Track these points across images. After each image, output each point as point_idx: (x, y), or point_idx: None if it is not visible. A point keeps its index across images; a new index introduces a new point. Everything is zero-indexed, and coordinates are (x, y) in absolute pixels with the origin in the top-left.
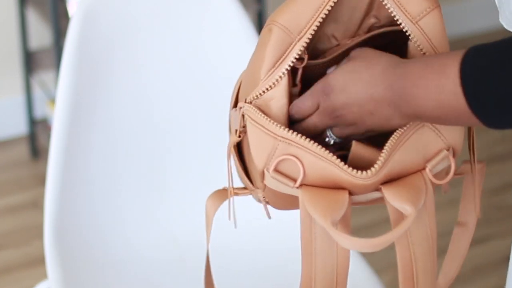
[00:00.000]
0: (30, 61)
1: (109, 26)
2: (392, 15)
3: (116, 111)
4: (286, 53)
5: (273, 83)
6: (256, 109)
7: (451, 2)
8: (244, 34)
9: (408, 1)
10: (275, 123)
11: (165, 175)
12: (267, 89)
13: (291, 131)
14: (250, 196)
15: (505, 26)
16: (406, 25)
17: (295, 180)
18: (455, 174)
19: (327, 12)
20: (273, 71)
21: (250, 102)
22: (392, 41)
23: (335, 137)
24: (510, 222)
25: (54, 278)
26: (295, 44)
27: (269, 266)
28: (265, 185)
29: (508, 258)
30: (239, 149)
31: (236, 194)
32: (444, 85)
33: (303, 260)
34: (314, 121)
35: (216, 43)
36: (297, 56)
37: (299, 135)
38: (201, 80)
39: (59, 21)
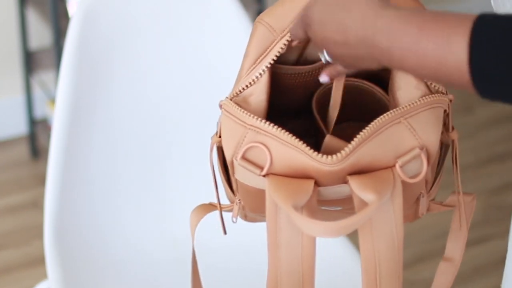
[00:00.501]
0: (30, 61)
1: (109, 26)
2: None
3: (116, 111)
4: (268, 50)
5: (253, 80)
6: (231, 102)
7: (451, 2)
8: (244, 34)
9: None
10: (245, 112)
11: (165, 175)
12: (247, 86)
13: (259, 119)
14: None
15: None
16: None
17: (262, 168)
18: (444, 205)
19: None
20: (254, 67)
21: (231, 99)
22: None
23: (327, 57)
24: (509, 222)
25: (54, 278)
26: (277, 41)
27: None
28: (237, 183)
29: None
30: (223, 155)
31: (222, 208)
32: (446, 57)
33: (268, 252)
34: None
35: (216, 43)
36: (278, 54)
37: (267, 122)
38: (201, 80)
39: (59, 21)
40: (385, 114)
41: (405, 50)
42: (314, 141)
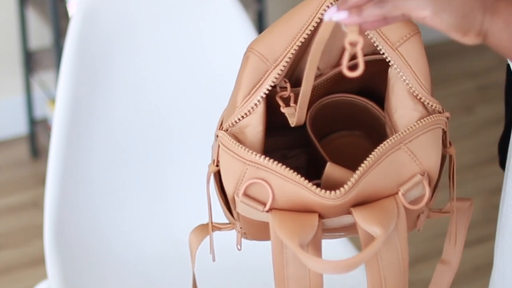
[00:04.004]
0: (30, 61)
1: (109, 26)
2: (372, 41)
3: (116, 111)
4: (262, 80)
5: (249, 111)
6: (227, 136)
7: None
8: (244, 34)
9: (388, 28)
10: (243, 147)
11: (165, 174)
12: (242, 116)
13: (258, 154)
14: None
15: None
16: (386, 51)
17: (264, 204)
18: (442, 212)
19: (303, 40)
20: (249, 98)
21: (226, 130)
22: (376, 71)
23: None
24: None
25: (54, 278)
26: (271, 72)
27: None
28: (238, 214)
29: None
30: (221, 181)
31: (218, 229)
32: None
33: (276, 285)
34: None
35: (216, 43)
36: (272, 84)
37: (267, 158)
38: (201, 79)
39: (59, 21)
40: (385, 142)
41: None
42: (306, 153)
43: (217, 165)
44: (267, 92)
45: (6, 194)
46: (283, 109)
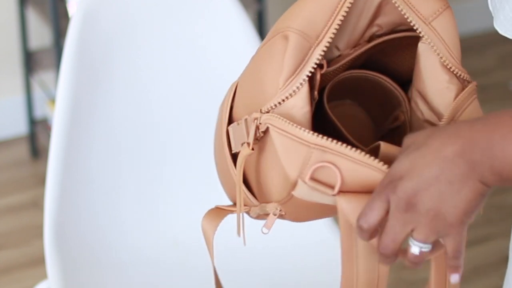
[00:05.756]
0: (30, 61)
1: (109, 26)
2: (405, 16)
3: (116, 111)
4: (306, 59)
5: (294, 91)
6: (281, 118)
7: (451, 2)
8: (244, 34)
9: (420, 2)
10: (307, 131)
11: (165, 175)
12: (287, 97)
13: (325, 137)
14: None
15: (500, 31)
16: (419, 26)
17: (333, 187)
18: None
19: (344, 14)
20: (293, 79)
21: (267, 112)
22: (393, 48)
23: (420, 244)
24: (510, 222)
25: (54, 278)
26: (314, 49)
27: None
28: (289, 197)
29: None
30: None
31: (230, 211)
32: None
33: (343, 267)
34: (391, 226)
35: (216, 43)
36: (317, 62)
37: (335, 141)
38: (201, 80)
39: (59, 21)
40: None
41: None
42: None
43: (253, 149)
44: (312, 70)
45: (6, 194)
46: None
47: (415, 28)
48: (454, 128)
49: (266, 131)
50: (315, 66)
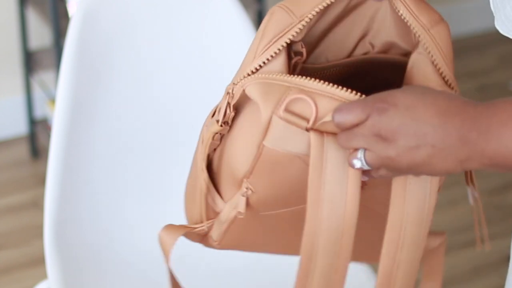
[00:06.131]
0: (30, 61)
1: (109, 26)
2: (405, 21)
3: (116, 110)
4: (285, 31)
5: (271, 56)
6: (257, 79)
7: (451, 2)
8: (244, 34)
9: (420, 11)
10: (286, 75)
11: (166, 174)
12: (264, 62)
13: (303, 77)
14: None
15: (501, 31)
16: (418, 31)
17: (308, 120)
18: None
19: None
20: (270, 46)
21: (244, 78)
22: (384, 64)
23: (364, 163)
24: (510, 222)
25: (54, 278)
26: (295, 24)
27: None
28: (259, 154)
29: (508, 258)
30: (208, 165)
31: (192, 230)
32: None
33: (308, 210)
34: (355, 133)
35: (216, 43)
36: (294, 34)
37: (313, 79)
38: (201, 79)
39: (59, 21)
40: None
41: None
42: None
43: (222, 125)
44: (289, 39)
45: (6, 194)
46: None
47: (414, 31)
48: (462, 102)
49: (236, 113)
50: (293, 36)
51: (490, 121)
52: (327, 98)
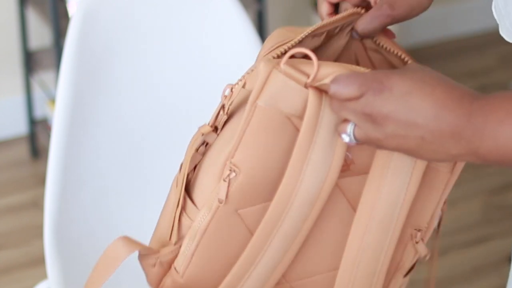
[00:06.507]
0: (30, 61)
1: (109, 26)
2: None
3: (116, 110)
4: (284, 41)
5: (273, 57)
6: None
7: (451, 2)
8: (244, 34)
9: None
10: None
11: (166, 174)
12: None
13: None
14: None
15: (506, 38)
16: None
17: (308, 75)
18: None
19: (322, 25)
20: (270, 52)
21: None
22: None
23: (353, 137)
24: (510, 222)
25: (54, 278)
26: (293, 39)
27: None
28: (251, 113)
29: (509, 258)
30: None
31: (154, 252)
32: None
33: (289, 168)
34: (348, 107)
35: (216, 43)
36: (293, 44)
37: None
38: (201, 79)
39: (59, 21)
40: None
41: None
42: None
43: (212, 126)
44: (287, 49)
45: (6, 194)
46: None
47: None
48: (459, 95)
49: (229, 116)
50: (291, 46)
51: (486, 119)
52: (328, 64)
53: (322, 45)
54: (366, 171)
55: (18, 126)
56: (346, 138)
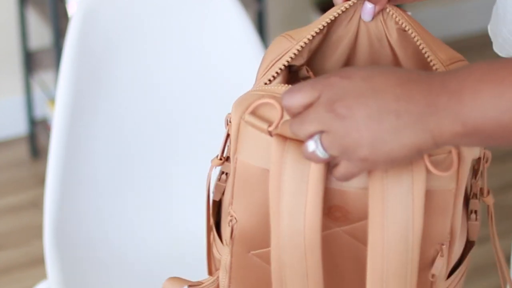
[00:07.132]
0: (30, 61)
1: (109, 26)
2: (426, 55)
3: (116, 110)
4: (283, 54)
5: (269, 80)
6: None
7: (451, 2)
8: (244, 34)
9: (441, 49)
10: (267, 85)
11: (166, 174)
12: (265, 83)
13: (284, 85)
14: None
15: (500, 54)
16: (436, 64)
17: (271, 123)
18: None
19: (324, 24)
20: (268, 69)
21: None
22: None
23: (320, 147)
24: (510, 222)
25: (54, 278)
26: (293, 46)
27: None
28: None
29: (509, 258)
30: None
31: (198, 285)
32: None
33: (271, 223)
34: (307, 115)
35: (216, 43)
36: (292, 56)
37: (282, 84)
38: (201, 79)
39: (59, 21)
40: None
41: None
42: None
43: (221, 159)
44: (286, 64)
45: (6, 194)
46: None
47: (432, 65)
48: (425, 72)
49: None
50: (291, 59)
51: (462, 83)
52: None
53: (326, 35)
54: (365, 217)
55: (18, 126)
56: (311, 146)
